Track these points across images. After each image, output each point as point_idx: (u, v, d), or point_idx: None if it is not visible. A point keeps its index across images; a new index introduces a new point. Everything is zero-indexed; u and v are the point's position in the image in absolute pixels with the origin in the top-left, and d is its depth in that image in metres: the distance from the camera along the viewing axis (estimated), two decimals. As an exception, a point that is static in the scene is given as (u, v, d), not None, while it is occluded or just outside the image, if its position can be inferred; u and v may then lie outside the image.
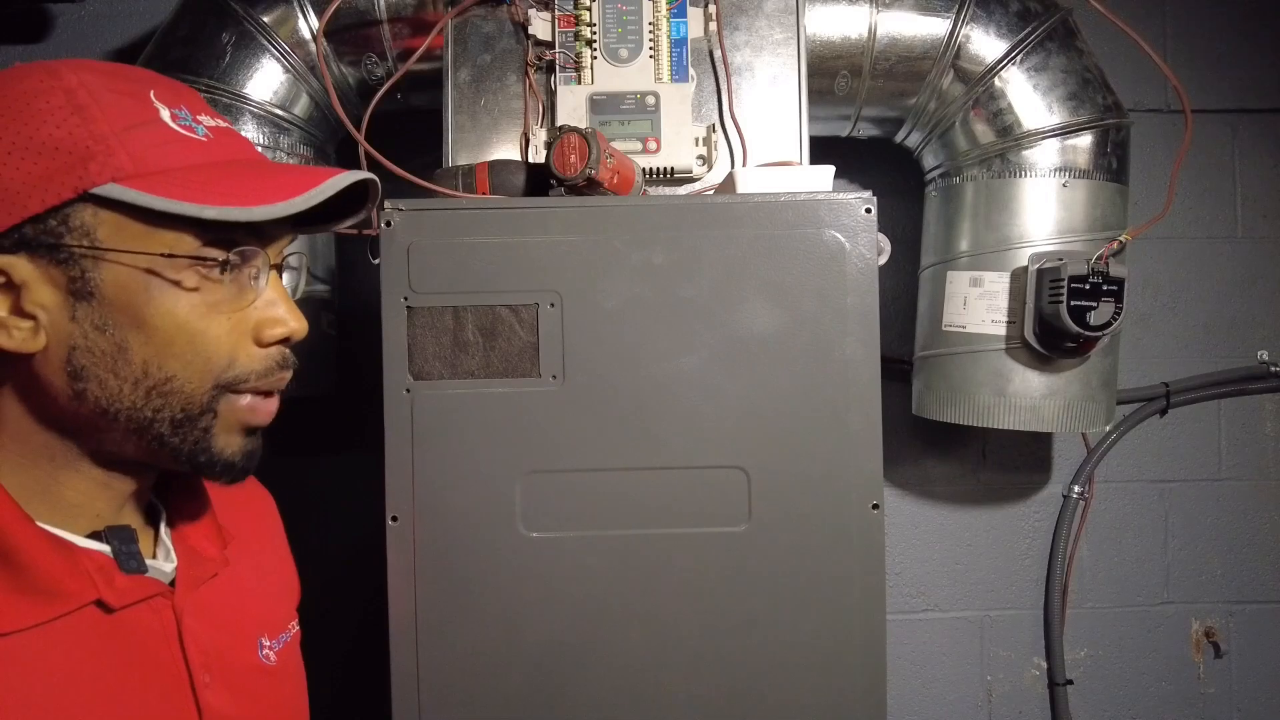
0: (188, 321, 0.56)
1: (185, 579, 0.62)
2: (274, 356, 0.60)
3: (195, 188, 0.54)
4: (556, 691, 0.88)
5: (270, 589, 0.74)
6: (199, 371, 0.57)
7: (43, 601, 0.54)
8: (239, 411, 0.59)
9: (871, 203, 0.88)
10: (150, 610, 0.59)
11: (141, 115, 0.55)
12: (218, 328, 0.57)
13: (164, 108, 0.56)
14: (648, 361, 0.88)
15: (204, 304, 0.56)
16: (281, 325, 0.60)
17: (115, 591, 0.57)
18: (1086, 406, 1.16)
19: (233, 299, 0.57)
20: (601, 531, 0.88)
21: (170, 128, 0.56)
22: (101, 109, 0.54)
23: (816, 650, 0.88)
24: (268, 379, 0.60)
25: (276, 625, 0.72)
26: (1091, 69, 1.16)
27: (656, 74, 1.04)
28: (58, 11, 1.37)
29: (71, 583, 0.55)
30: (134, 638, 0.58)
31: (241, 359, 0.58)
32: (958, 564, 1.48)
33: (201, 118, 0.59)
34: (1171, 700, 1.49)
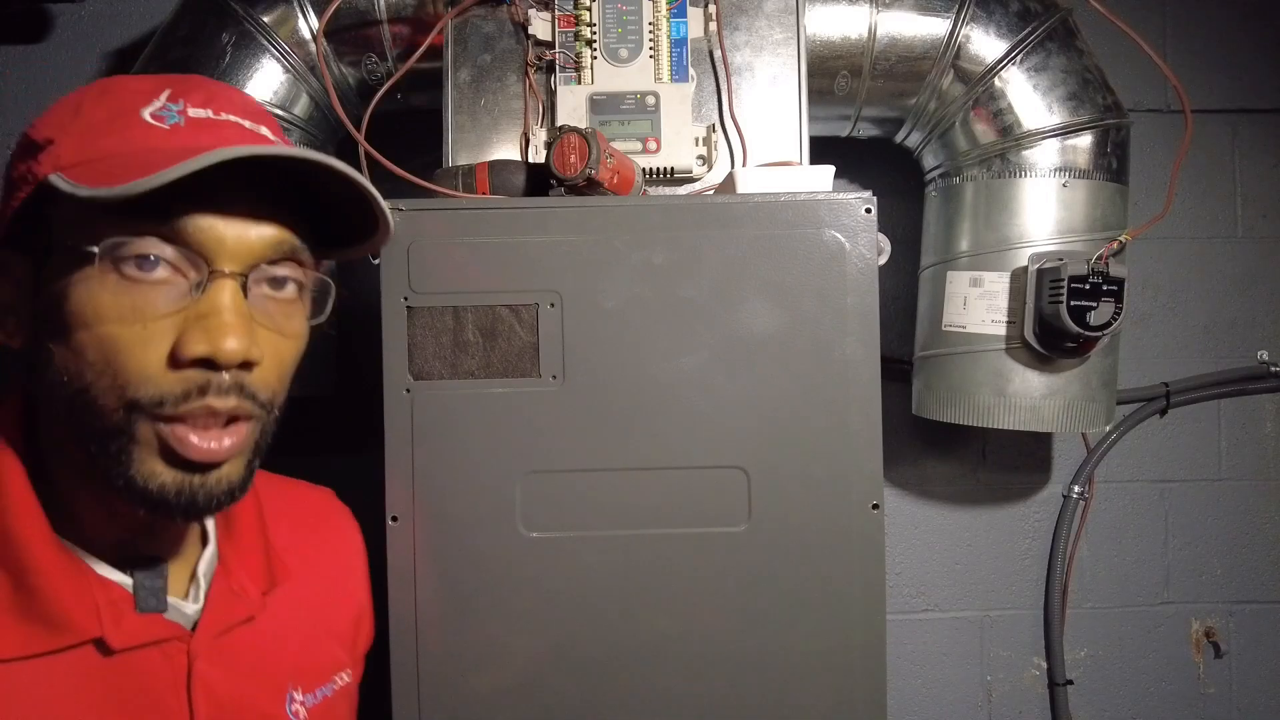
0: (96, 323, 0.49)
1: (209, 623, 0.58)
2: (193, 380, 0.50)
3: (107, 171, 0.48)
4: (556, 691, 0.88)
5: (321, 633, 0.68)
6: (108, 385, 0.49)
7: (44, 631, 0.51)
8: (163, 436, 0.50)
9: (871, 203, 0.88)
10: (160, 654, 0.55)
11: (123, 108, 0.52)
12: (130, 335, 0.49)
13: (159, 102, 0.52)
14: (648, 361, 0.88)
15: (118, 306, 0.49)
16: (199, 341, 0.49)
17: (120, 632, 0.53)
18: (1086, 406, 1.16)
19: (141, 303, 0.49)
20: (601, 531, 0.88)
21: (140, 119, 0.51)
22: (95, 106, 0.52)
23: (816, 650, 0.88)
24: (188, 404, 0.50)
25: (315, 678, 0.66)
26: (1091, 69, 1.16)
27: (656, 74, 1.04)
28: (58, 11, 1.37)
29: (77, 616, 0.52)
30: (137, 681, 0.54)
31: (156, 378, 0.49)
32: (958, 564, 1.48)
33: (193, 110, 0.53)
34: (1171, 700, 1.49)
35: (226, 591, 0.60)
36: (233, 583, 0.61)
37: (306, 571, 0.68)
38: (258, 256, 0.53)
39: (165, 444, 0.51)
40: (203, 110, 0.53)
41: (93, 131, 0.51)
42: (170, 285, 0.50)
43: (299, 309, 0.58)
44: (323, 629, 0.69)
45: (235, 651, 0.60)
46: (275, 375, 0.55)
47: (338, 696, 0.68)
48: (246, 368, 0.52)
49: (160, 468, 0.51)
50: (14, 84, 1.37)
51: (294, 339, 0.57)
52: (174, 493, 0.51)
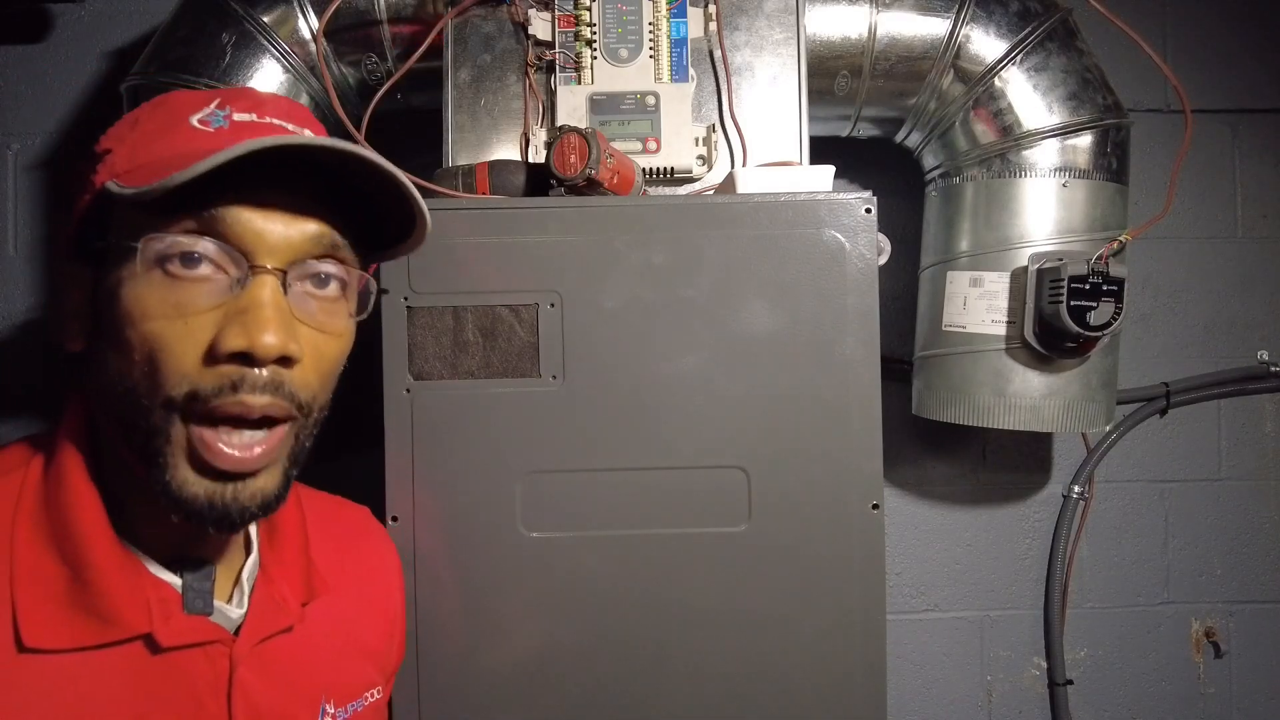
0: (141, 321, 0.50)
1: (252, 629, 0.58)
2: (228, 375, 0.50)
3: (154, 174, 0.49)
4: (556, 691, 0.88)
5: (355, 649, 0.69)
6: (150, 383, 0.50)
7: (96, 624, 0.52)
8: (192, 442, 0.50)
9: (871, 203, 0.88)
10: (204, 657, 0.56)
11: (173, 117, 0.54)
12: (170, 331, 0.49)
13: (206, 109, 0.53)
14: (648, 361, 0.88)
15: (162, 303, 0.50)
16: (238, 336, 0.49)
17: (169, 631, 0.53)
18: (1086, 406, 1.16)
19: (181, 298, 0.50)
20: (601, 531, 0.88)
21: (188, 125, 0.53)
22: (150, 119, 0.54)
23: (816, 650, 0.88)
24: (219, 400, 0.49)
25: (348, 692, 0.66)
26: (1091, 69, 1.16)
27: (656, 74, 1.04)
28: (58, 11, 1.37)
29: (128, 612, 0.52)
30: (180, 682, 0.55)
31: (192, 374, 0.50)
32: (958, 564, 1.48)
33: (238, 115, 0.53)
34: (1171, 700, 1.49)
35: (268, 600, 0.61)
36: (274, 592, 0.61)
37: (343, 587, 0.68)
38: (299, 252, 0.53)
39: (194, 451, 0.51)
40: (248, 115, 0.54)
41: (145, 140, 0.53)
42: (212, 282, 0.51)
43: (342, 307, 0.57)
44: (356, 645, 0.69)
45: (274, 660, 0.60)
46: (315, 374, 0.55)
47: (368, 712, 0.69)
48: (285, 364, 0.52)
49: (191, 476, 0.51)
50: (14, 84, 1.37)
51: (337, 337, 0.57)
52: (206, 503, 0.51)
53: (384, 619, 0.75)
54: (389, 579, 0.78)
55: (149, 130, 0.54)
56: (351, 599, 0.70)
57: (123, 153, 0.53)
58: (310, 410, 0.56)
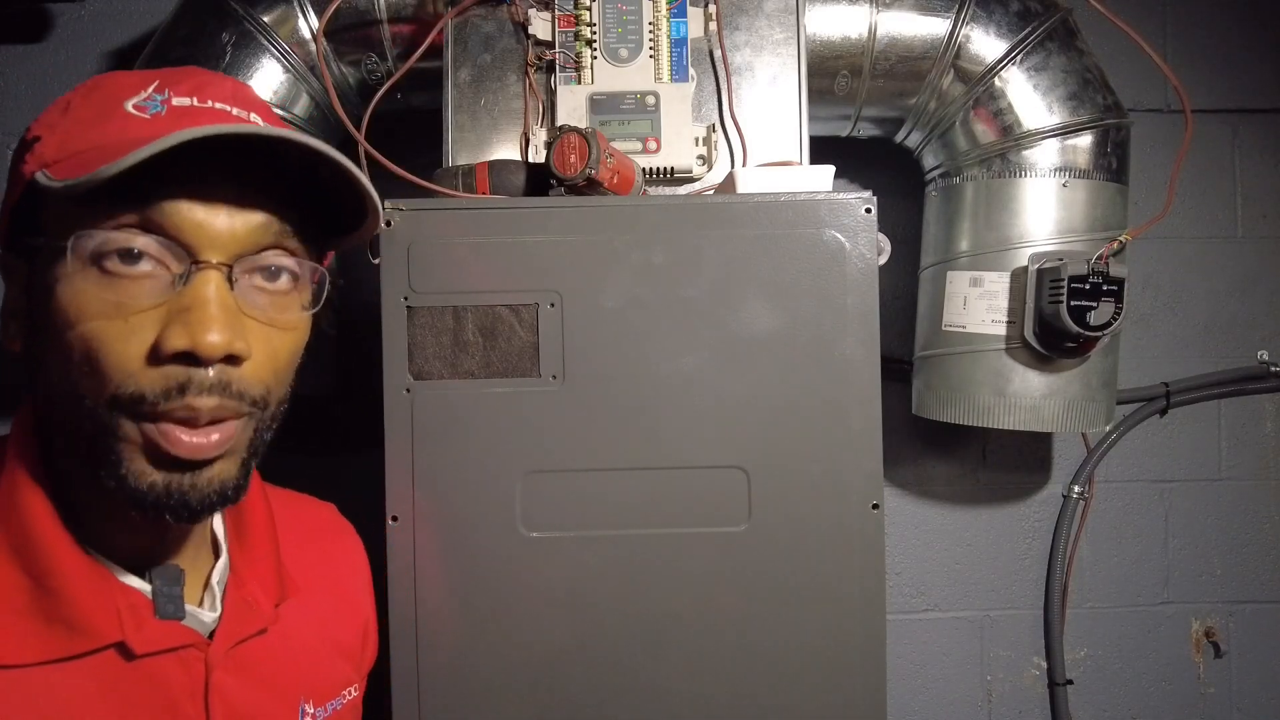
0: (79, 321, 0.48)
1: (226, 632, 0.57)
2: (173, 376, 0.48)
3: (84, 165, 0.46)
4: (556, 691, 0.88)
5: (330, 648, 0.68)
6: (93, 385, 0.48)
7: (66, 635, 0.50)
8: (148, 435, 0.49)
9: (871, 203, 0.88)
10: (179, 662, 0.54)
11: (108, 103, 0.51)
12: (110, 330, 0.47)
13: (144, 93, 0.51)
14: (648, 361, 0.88)
15: (101, 302, 0.47)
16: (180, 336, 0.47)
17: (141, 637, 0.52)
18: (1086, 406, 1.16)
19: (120, 297, 0.47)
20: (601, 531, 0.88)
21: (122, 110, 0.50)
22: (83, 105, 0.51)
23: (816, 650, 0.88)
24: (169, 403, 0.48)
25: (327, 689, 0.66)
26: (1092, 69, 1.16)
27: (656, 74, 1.04)
28: (58, 11, 1.37)
29: (99, 620, 0.51)
30: (155, 688, 0.54)
31: (137, 375, 0.48)
32: (958, 564, 1.48)
33: (177, 99, 0.51)
34: (1171, 700, 1.49)
35: (241, 602, 0.60)
36: (246, 593, 0.60)
37: (313, 586, 0.67)
38: (244, 245, 0.51)
39: (150, 442, 0.49)
40: (187, 99, 0.51)
41: (78, 127, 0.50)
42: (153, 279, 0.48)
43: (294, 299, 0.55)
44: (331, 643, 0.69)
45: (250, 662, 0.59)
46: (269, 370, 0.53)
47: (346, 710, 0.68)
48: (233, 362, 0.50)
49: (147, 467, 0.50)
50: (14, 84, 1.37)
51: (289, 330, 0.55)
52: (164, 492, 0.50)
53: (357, 616, 0.75)
54: (359, 576, 0.77)
55: (82, 117, 0.50)
56: (323, 597, 0.69)
57: (53, 141, 0.49)
58: (266, 404, 0.54)
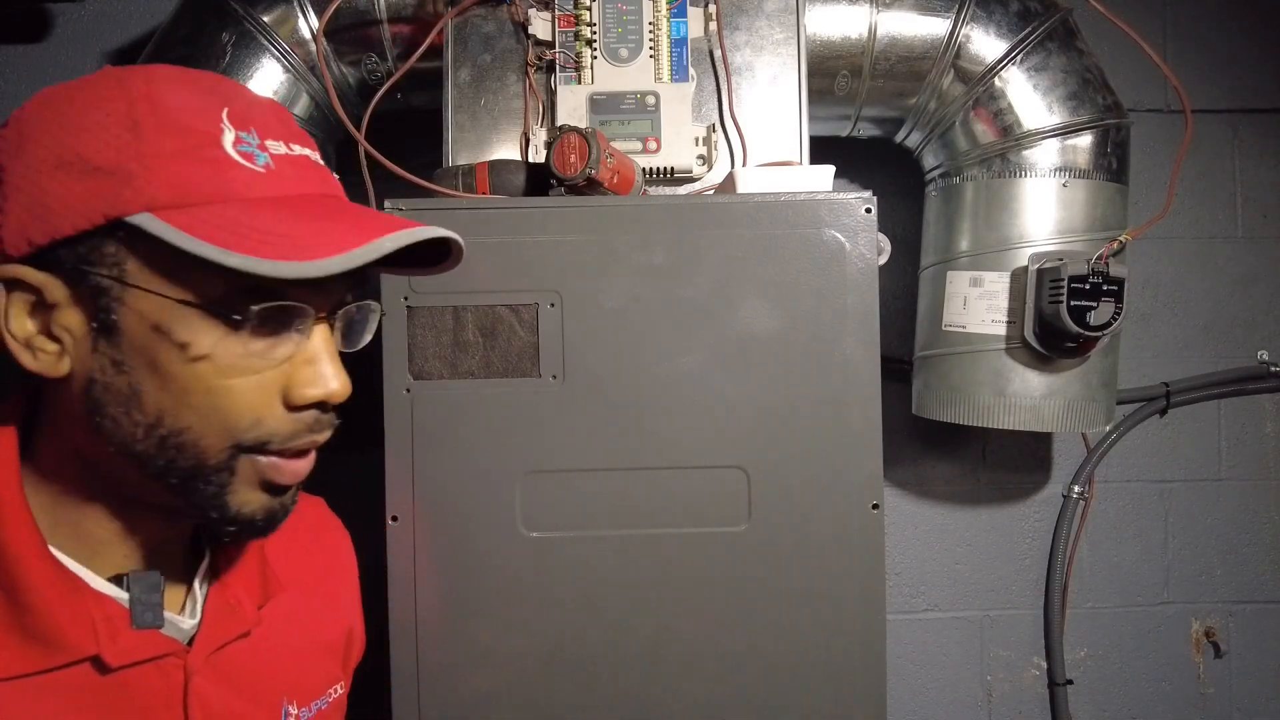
0: (207, 374, 0.50)
1: (206, 639, 0.58)
2: (305, 420, 0.53)
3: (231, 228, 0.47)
4: (557, 692, 0.88)
5: (314, 646, 0.68)
6: (216, 429, 0.51)
7: (39, 650, 0.50)
8: (261, 469, 0.53)
9: (871, 203, 0.88)
10: (157, 671, 0.55)
11: (200, 138, 0.49)
12: (243, 384, 0.51)
13: (231, 129, 0.50)
14: (648, 361, 0.88)
15: (227, 359, 0.50)
16: (317, 386, 0.53)
17: (116, 649, 0.52)
18: (1086, 406, 1.16)
19: (261, 354, 0.51)
20: (601, 531, 0.88)
21: (228, 154, 0.50)
22: (159, 126, 0.49)
23: (816, 650, 0.88)
24: (294, 442, 0.53)
25: (311, 690, 0.66)
26: (1091, 69, 1.16)
27: (656, 74, 1.04)
28: (58, 11, 1.37)
29: (72, 633, 0.51)
30: (133, 699, 0.54)
31: (268, 421, 0.52)
32: (958, 564, 1.48)
33: (270, 144, 0.52)
34: (1171, 700, 1.49)
35: (223, 606, 0.60)
36: (229, 596, 0.61)
37: (299, 584, 0.67)
38: (342, 299, 0.56)
39: (262, 474, 0.53)
40: (278, 144, 0.53)
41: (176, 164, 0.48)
42: (276, 334, 0.52)
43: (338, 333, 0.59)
44: (316, 642, 0.69)
45: (231, 667, 0.59)
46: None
47: (331, 709, 0.68)
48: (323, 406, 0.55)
49: (254, 495, 0.54)
50: (14, 84, 1.37)
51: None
52: (263, 515, 0.55)
53: (343, 613, 0.74)
54: (346, 572, 0.77)
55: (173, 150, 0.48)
56: (309, 595, 0.69)
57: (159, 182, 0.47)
58: None
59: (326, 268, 0.48)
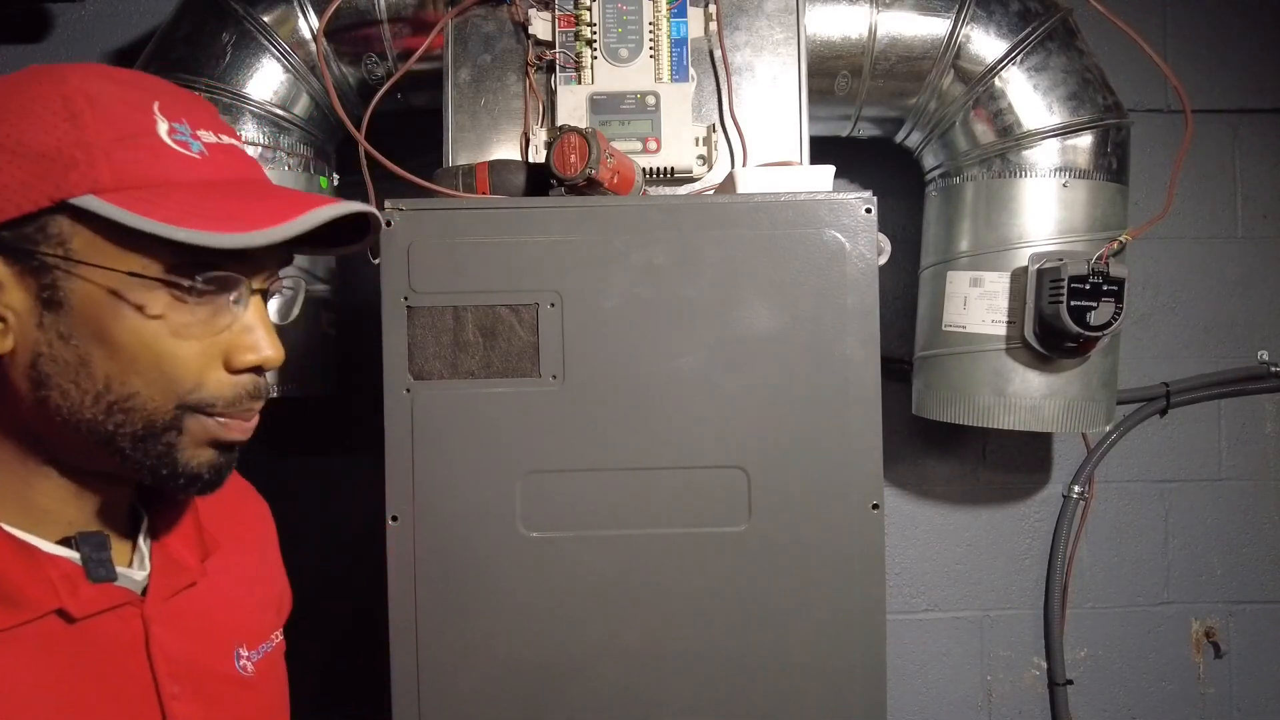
0: (153, 341, 0.54)
1: (157, 588, 0.62)
2: (244, 385, 0.58)
3: (173, 207, 0.52)
4: (557, 691, 0.88)
5: (254, 599, 0.73)
6: (162, 391, 0.55)
7: (2, 609, 0.53)
8: (209, 428, 0.57)
9: (871, 203, 0.88)
10: (118, 619, 0.58)
11: (135, 127, 0.54)
12: (186, 350, 0.55)
13: (164, 120, 0.55)
14: (648, 361, 0.88)
15: (173, 325, 0.54)
16: (253, 352, 0.57)
17: (78, 601, 0.56)
18: (1086, 406, 1.16)
19: (204, 322, 0.56)
20: (601, 531, 0.88)
21: (164, 142, 0.54)
22: (96, 117, 0.53)
23: (816, 650, 0.88)
24: (235, 408, 0.58)
25: (256, 636, 0.71)
26: (1092, 69, 1.16)
27: (656, 74, 1.04)
28: (58, 11, 1.37)
29: (32, 590, 0.54)
30: (99, 647, 0.57)
31: (209, 384, 0.56)
32: (958, 564, 1.48)
33: (202, 133, 0.57)
34: (1171, 700, 1.49)
35: (168, 560, 0.64)
36: (170, 551, 0.65)
37: (233, 542, 0.72)
38: (272, 273, 0.60)
39: (210, 432, 0.57)
40: (209, 134, 0.58)
41: (118, 151, 0.53)
42: (217, 303, 0.56)
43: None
44: (254, 593, 0.74)
45: (184, 614, 0.63)
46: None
47: (275, 653, 0.73)
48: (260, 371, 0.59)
49: (202, 451, 0.58)
50: (14, 84, 1.37)
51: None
52: (210, 470, 0.59)
53: (273, 572, 0.79)
54: (269, 534, 0.81)
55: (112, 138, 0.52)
56: (243, 552, 0.74)
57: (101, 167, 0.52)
58: None
59: (269, 237, 0.52)
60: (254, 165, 0.61)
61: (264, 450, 0.77)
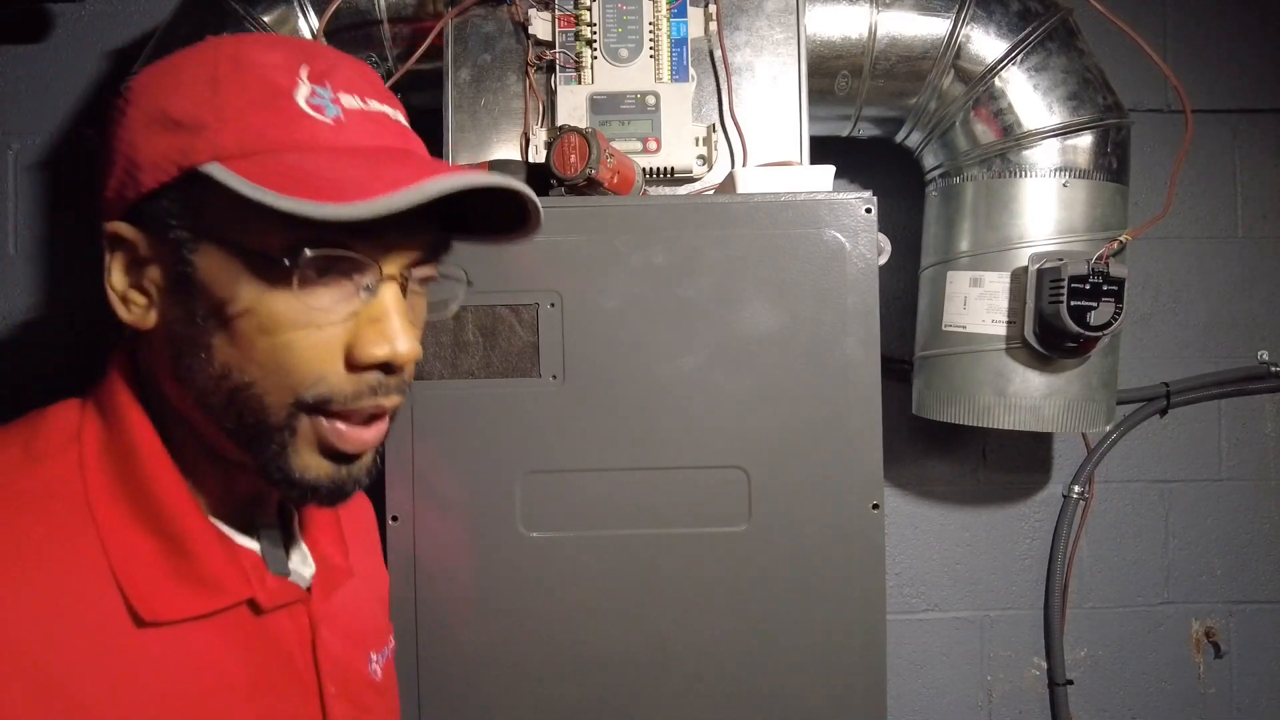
0: (271, 327, 0.50)
1: (321, 586, 0.60)
2: (367, 381, 0.52)
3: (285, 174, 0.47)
4: (557, 691, 0.88)
5: (377, 599, 0.72)
6: (277, 384, 0.50)
7: (205, 594, 0.53)
8: (322, 432, 0.52)
9: (872, 203, 0.88)
10: (289, 616, 0.58)
11: (274, 89, 0.50)
12: (305, 339, 0.50)
13: (306, 84, 0.51)
14: (648, 361, 0.88)
15: (292, 310, 0.49)
16: (379, 345, 0.51)
17: (267, 592, 0.55)
18: (1087, 406, 1.16)
19: (326, 309, 0.50)
20: (601, 531, 0.88)
21: (298, 107, 0.50)
22: (236, 81, 0.50)
23: (816, 650, 0.88)
24: (356, 403, 0.52)
25: (382, 639, 0.70)
26: (1092, 69, 1.16)
27: (656, 74, 1.04)
28: (58, 11, 1.37)
29: (231, 579, 0.54)
30: (277, 642, 0.57)
31: (329, 378, 0.51)
32: (958, 564, 1.48)
33: (344, 98, 0.52)
34: (1171, 700, 1.49)
35: (325, 559, 0.63)
36: (323, 550, 0.64)
37: (356, 542, 0.70)
38: (413, 258, 0.54)
39: (323, 438, 0.53)
40: (353, 99, 0.52)
41: (247, 116, 0.49)
42: (344, 289, 0.51)
43: (424, 300, 0.59)
44: (376, 595, 0.73)
45: (337, 614, 0.62)
46: (414, 366, 0.57)
47: (392, 657, 0.72)
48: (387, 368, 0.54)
49: (316, 460, 0.53)
50: (14, 84, 1.37)
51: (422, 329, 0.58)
52: (327, 483, 0.54)
53: (383, 572, 0.78)
54: (374, 528, 0.80)
55: (245, 104, 0.49)
56: (366, 552, 0.72)
57: (228, 132, 0.49)
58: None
59: (370, 209, 0.46)
60: (405, 133, 0.55)
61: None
